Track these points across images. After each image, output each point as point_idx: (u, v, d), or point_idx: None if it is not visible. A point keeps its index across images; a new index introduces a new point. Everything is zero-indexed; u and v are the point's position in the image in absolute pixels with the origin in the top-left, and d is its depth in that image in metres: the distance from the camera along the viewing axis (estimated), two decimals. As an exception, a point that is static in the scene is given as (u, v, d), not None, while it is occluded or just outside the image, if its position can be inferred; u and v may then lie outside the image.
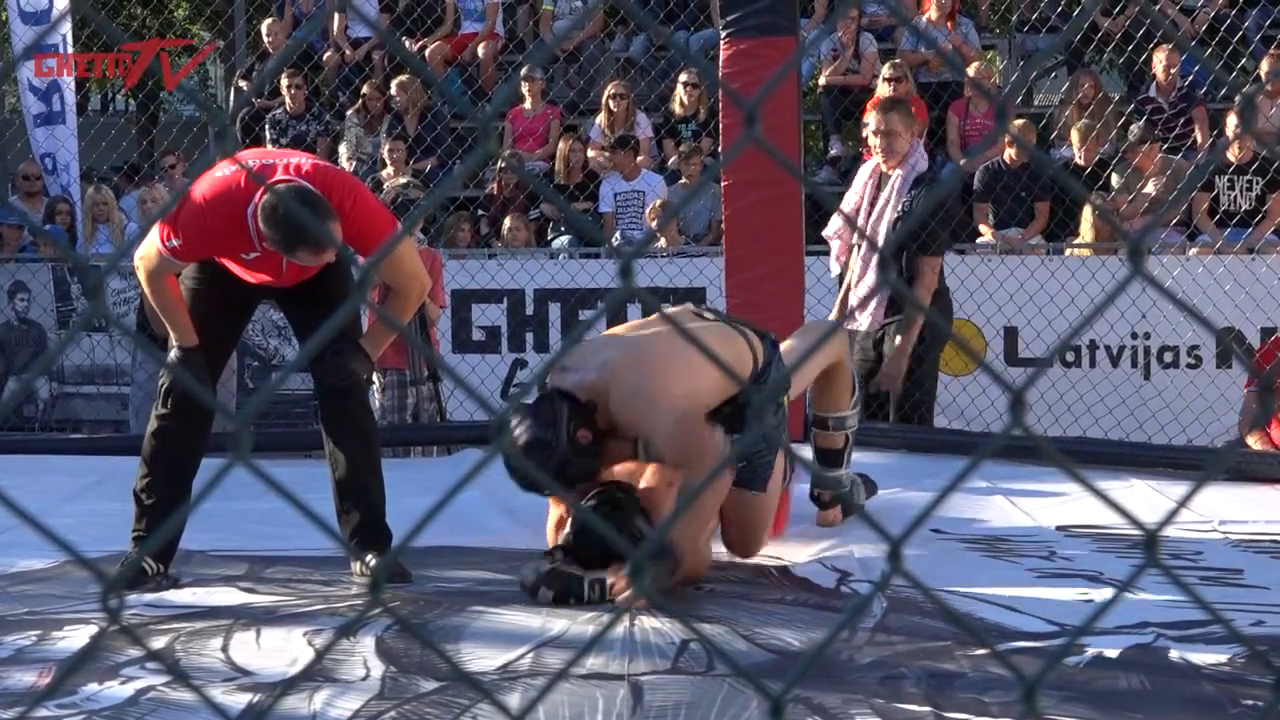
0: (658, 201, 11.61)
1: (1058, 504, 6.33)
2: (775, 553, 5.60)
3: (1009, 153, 11.33)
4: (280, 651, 4.44)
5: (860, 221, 7.46)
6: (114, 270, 4.70)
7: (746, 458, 5.33)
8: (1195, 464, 7.15)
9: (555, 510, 5.32)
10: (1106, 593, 5.03)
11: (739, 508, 5.38)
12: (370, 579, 1.16)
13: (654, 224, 11.21)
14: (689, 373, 5.12)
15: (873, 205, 7.52)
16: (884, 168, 7.54)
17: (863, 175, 7.69)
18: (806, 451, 6.33)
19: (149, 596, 5.06)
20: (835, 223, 7.76)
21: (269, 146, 12.94)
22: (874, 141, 7.54)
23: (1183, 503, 1.46)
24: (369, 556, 5.18)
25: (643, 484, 5.09)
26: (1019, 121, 11.91)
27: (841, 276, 7.79)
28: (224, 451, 6.27)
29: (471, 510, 6.02)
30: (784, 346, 5.70)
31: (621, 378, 5.09)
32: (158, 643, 4.52)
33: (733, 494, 5.32)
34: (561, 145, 12.53)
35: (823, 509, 6.06)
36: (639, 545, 4.79)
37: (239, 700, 3.98)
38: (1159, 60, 11.99)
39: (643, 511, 4.98)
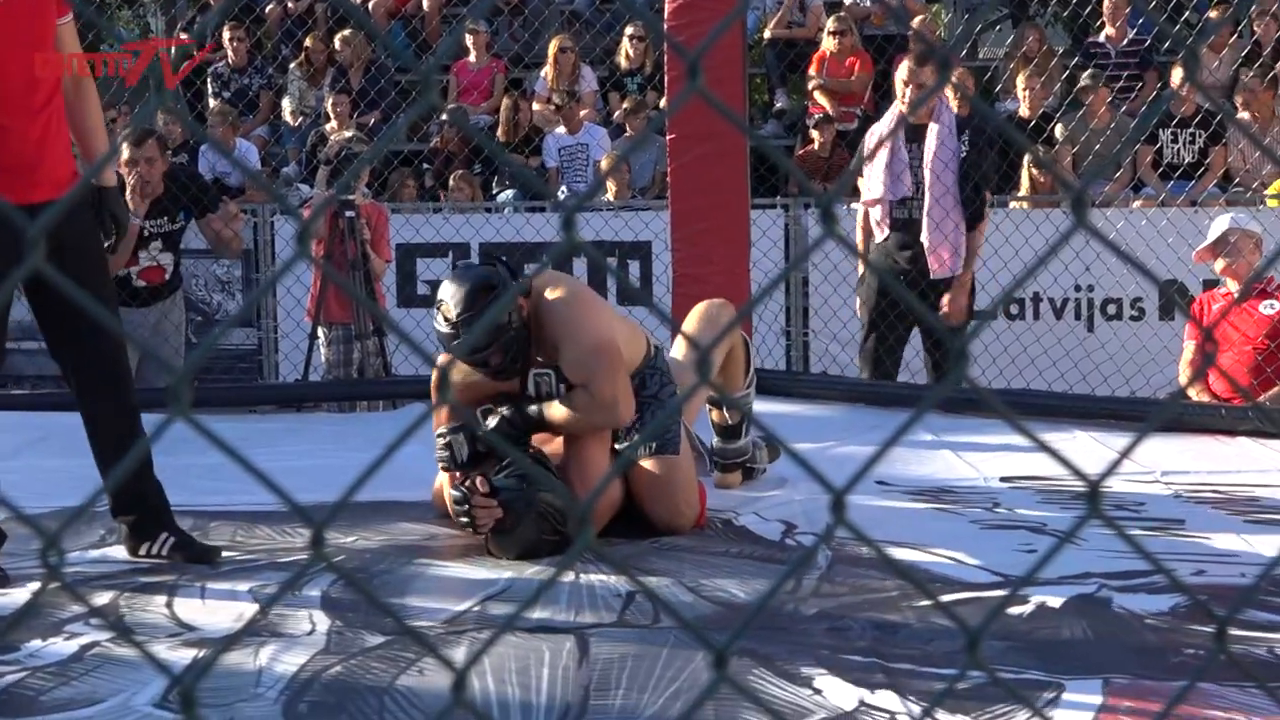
0: (604, 156, 11.58)
1: (1001, 456, 6.35)
2: (720, 506, 5.60)
3: (953, 105, 11.34)
4: (225, 607, 4.43)
5: (906, 175, 7.67)
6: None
7: (656, 436, 5.29)
8: (1138, 415, 7.19)
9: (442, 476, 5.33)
10: (1050, 543, 5.06)
11: (658, 472, 5.25)
12: (312, 533, 1.14)
13: (600, 177, 11.20)
14: (613, 318, 5.22)
15: (910, 157, 7.72)
16: (911, 118, 7.70)
17: (881, 128, 7.90)
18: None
19: (92, 553, 5.04)
20: (876, 184, 7.81)
21: (211, 102, 12.85)
22: (904, 93, 7.73)
23: (1125, 454, 1.46)
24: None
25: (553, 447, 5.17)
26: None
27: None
28: (165, 407, 6.24)
29: (416, 464, 6.00)
30: (686, 329, 5.69)
31: (556, 282, 5.16)
32: (101, 599, 4.50)
33: (649, 463, 5.25)
34: (504, 103, 12.47)
35: (722, 471, 6.03)
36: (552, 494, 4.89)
37: (183, 656, 3.97)
38: (1108, 8, 12.03)
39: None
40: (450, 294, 5.00)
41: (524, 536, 4.89)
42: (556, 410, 5.12)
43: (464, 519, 4.96)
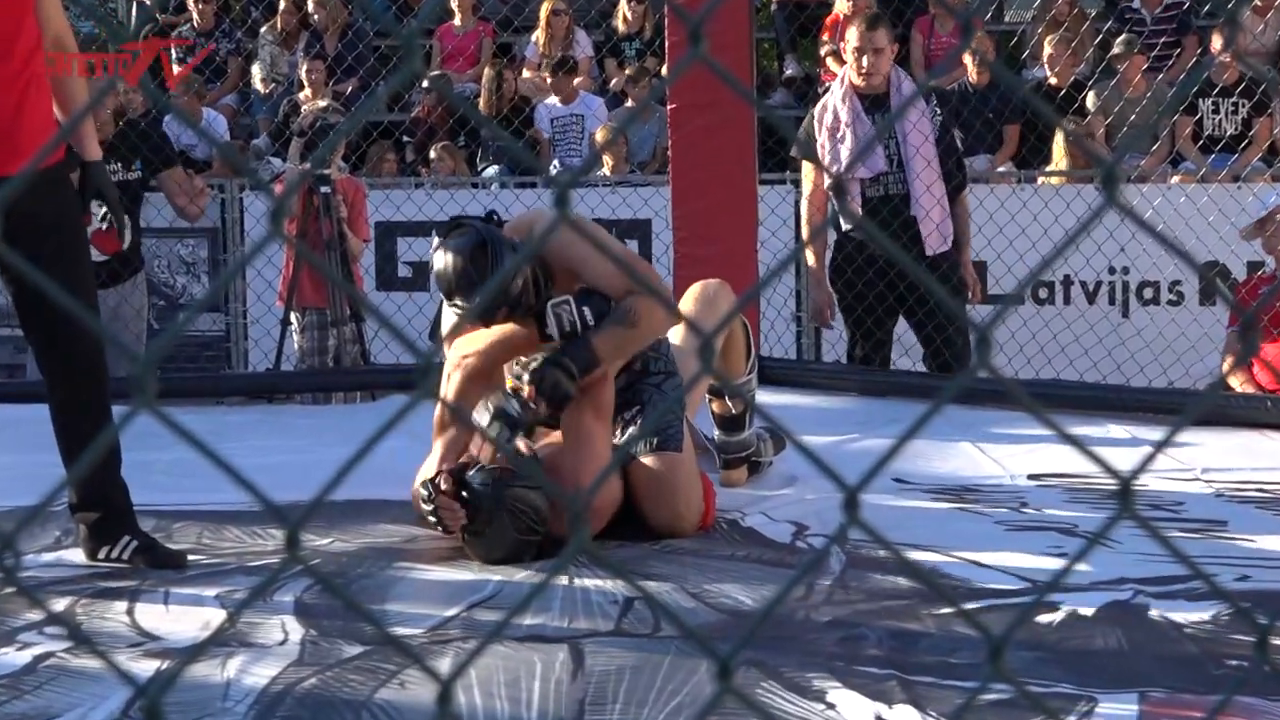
0: (600, 128, 11.58)
1: (1029, 451, 6.36)
2: (726, 505, 5.60)
3: (973, 73, 11.35)
4: (191, 614, 4.43)
5: (880, 154, 7.59)
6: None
7: (658, 430, 5.28)
8: (1176, 407, 7.19)
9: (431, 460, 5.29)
10: (1080, 546, 5.07)
11: (658, 471, 5.22)
12: (287, 534, 1.13)
13: (595, 151, 11.19)
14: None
15: (850, 130, 7.62)
16: (861, 86, 7.63)
17: (834, 102, 7.73)
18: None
19: (47, 556, 5.04)
20: (843, 163, 7.71)
21: (174, 67, 12.84)
22: (855, 61, 7.63)
23: (1160, 448, 1.46)
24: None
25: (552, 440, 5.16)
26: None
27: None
28: (128, 398, 6.21)
29: (397, 460, 6.00)
30: (685, 311, 5.66)
31: (537, 215, 5.15)
32: (57, 605, 4.51)
33: (647, 461, 5.24)
34: (486, 74, 12.46)
35: (726, 467, 6.01)
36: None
37: (146, 667, 3.97)
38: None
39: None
40: (447, 271, 5.00)
41: (497, 538, 4.88)
42: (609, 335, 5.06)
43: (431, 519, 4.97)
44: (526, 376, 5.00)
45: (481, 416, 4.94)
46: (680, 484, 5.26)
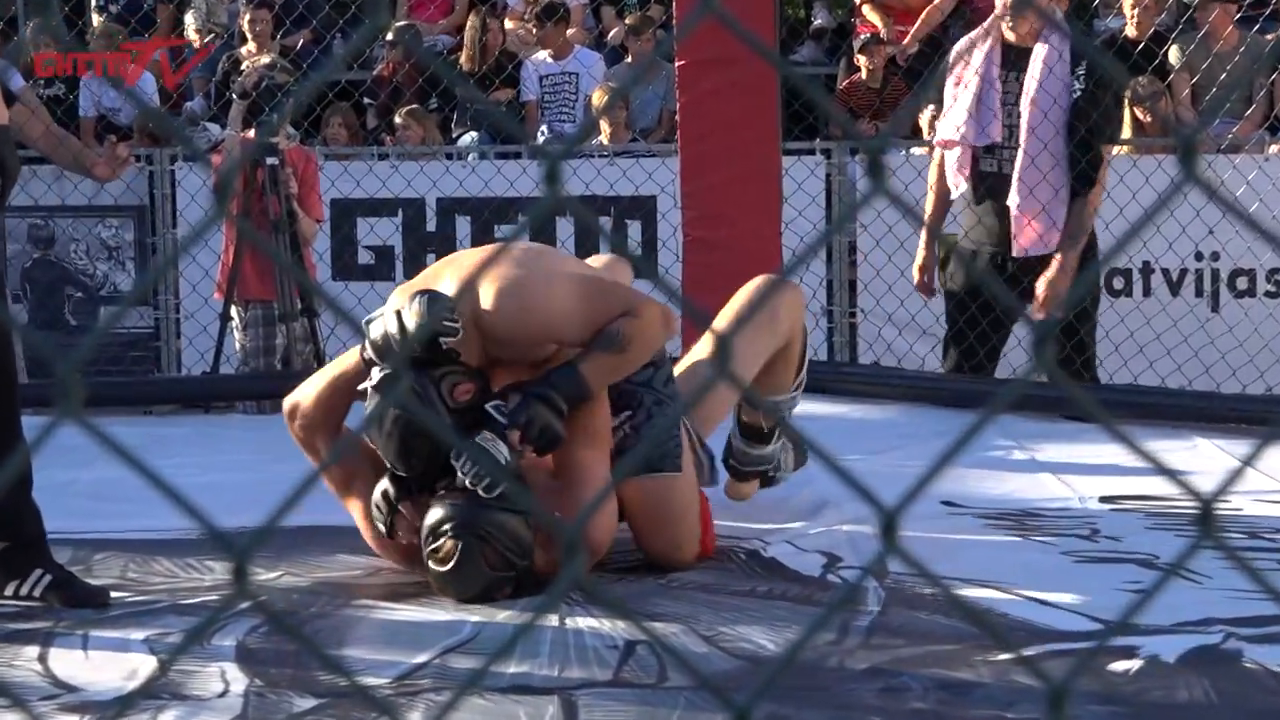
0: (597, 88, 11.58)
1: (1102, 470, 6.37)
2: (744, 533, 5.61)
3: (1131, 23, 11.32)
4: (114, 661, 4.44)
5: (998, 114, 7.50)
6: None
7: (657, 448, 5.27)
8: (1273, 417, 7.19)
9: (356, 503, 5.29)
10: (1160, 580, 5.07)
11: (652, 497, 5.22)
12: (233, 566, 1.13)
13: (592, 116, 11.20)
14: (565, 259, 5.24)
15: (1005, 90, 7.55)
16: (1012, 37, 7.55)
17: (967, 54, 7.63)
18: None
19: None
20: (955, 121, 7.64)
21: (95, 18, 12.85)
22: (1021, 29, 7.51)
23: (1246, 463, 1.48)
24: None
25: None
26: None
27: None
28: (38, 405, 6.19)
29: (358, 481, 6.03)
30: (728, 309, 5.62)
31: (493, 281, 5.09)
32: (-43, 651, 4.52)
33: (640, 484, 5.21)
34: (472, 17, 12.48)
35: (736, 478, 5.97)
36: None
37: (62, 723, 3.99)
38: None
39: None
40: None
41: (466, 571, 4.84)
42: (598, 362, 5.02)
43: (380, 524, 4.96)
44: (508, 420, 4.95)
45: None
46: (677, 510, 5.26)
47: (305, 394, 5.19)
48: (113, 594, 4.99)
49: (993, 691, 4.14)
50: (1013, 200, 7.51)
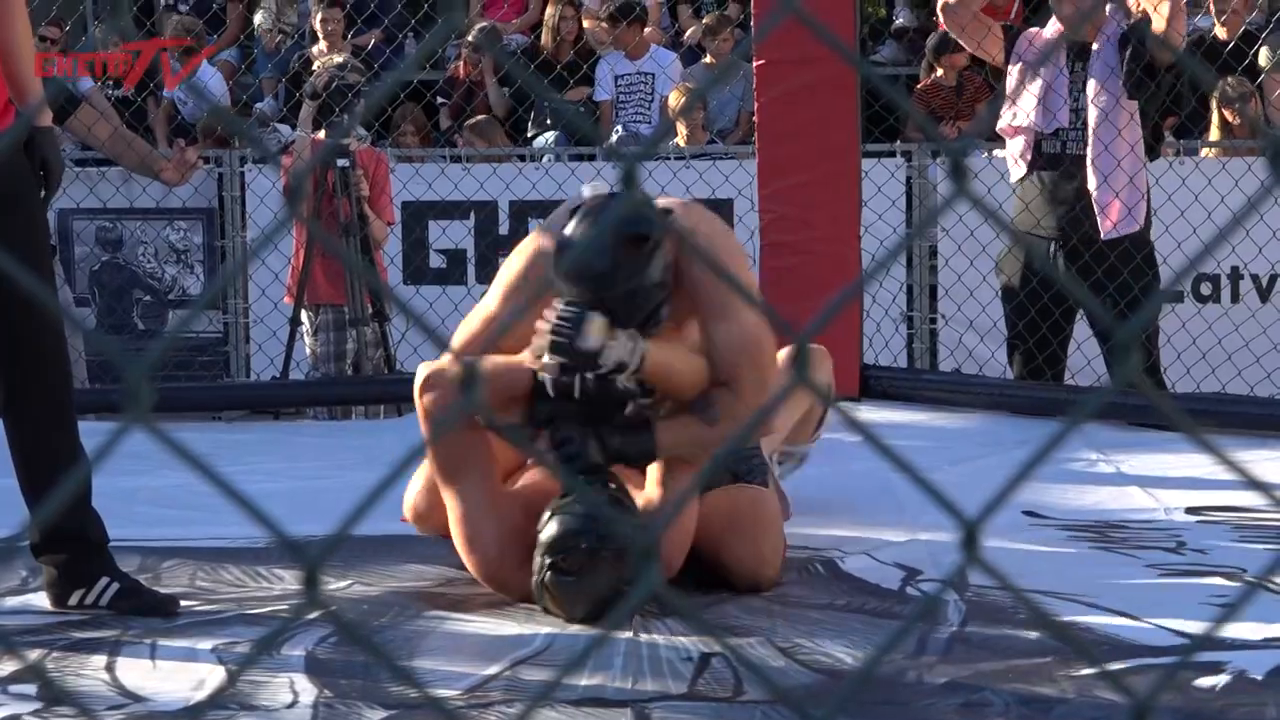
0: (673, 89, 11.59)
1: (1188, 481, 6.34)
2: (821, 545, 5.60)
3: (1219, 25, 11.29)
4: (182, 671, 4.46)
5: (1066, 102, 7.59)
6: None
7: (739, 460, 5.20)
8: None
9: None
10: (1246, 594, 5.04)
11: (744, 505, 5.14)
12: (304, 574, 1.14)
13: (669, 118, 11.20)
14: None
15: (1071, 80, 7.64)
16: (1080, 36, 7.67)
17: (1045, 48, 7.77)
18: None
19: (10, 601, 5.07)
20: (1024, 108, 7.71)
21: (168, 15, 12.92)
22: (1064, 11, 7.66)
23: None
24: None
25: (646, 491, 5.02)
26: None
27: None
28: (99, 411, 6.20)
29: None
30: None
31: (697, 219, 5.04)
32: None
33: (729, 493, 5.14)
34: (549, 12, 12.50)
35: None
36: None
37: (130, 733, 4.01)
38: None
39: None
40: (581, 265, 4.73)
41: (596, 585, 4.70)
42: (681, 429, 4.90)
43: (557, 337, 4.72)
44: (559, 443, 4.79)
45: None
46: (765, 522, 5.19)
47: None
48: (181, 602, 5.00)
49: (1075, 707, 4.13)
50: (1091, 187, 7.56)
